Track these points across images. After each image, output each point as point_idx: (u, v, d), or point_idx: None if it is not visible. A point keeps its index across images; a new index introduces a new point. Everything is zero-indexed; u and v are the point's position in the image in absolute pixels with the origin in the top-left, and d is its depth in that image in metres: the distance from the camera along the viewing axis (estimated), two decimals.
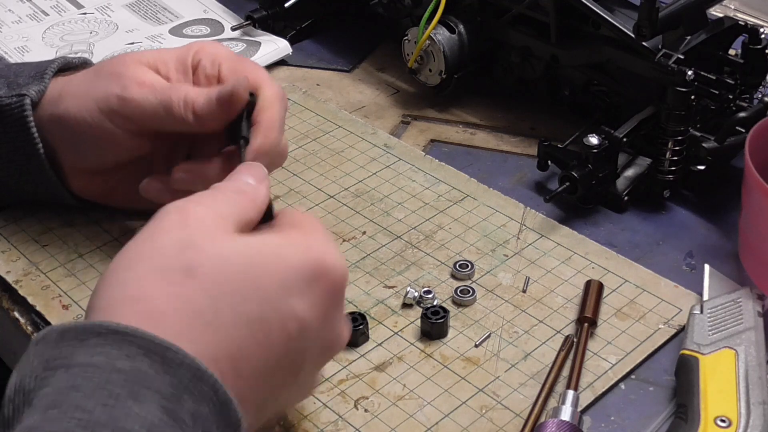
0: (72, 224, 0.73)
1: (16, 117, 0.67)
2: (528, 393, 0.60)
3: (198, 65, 0.67)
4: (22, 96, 0.67)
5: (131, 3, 1.04)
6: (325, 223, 0.74)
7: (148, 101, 0.64)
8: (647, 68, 0.74)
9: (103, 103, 0.65)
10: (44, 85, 0.68)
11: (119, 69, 0.66)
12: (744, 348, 0.59)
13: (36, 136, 0.67)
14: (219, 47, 0.69)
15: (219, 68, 0.66)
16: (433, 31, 0.84)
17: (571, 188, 0.73)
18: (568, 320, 0.65)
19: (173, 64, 0.67)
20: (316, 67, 0.95)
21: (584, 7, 0.77)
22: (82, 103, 0.65)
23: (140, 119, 0.64)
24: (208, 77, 0.66)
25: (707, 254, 0.71)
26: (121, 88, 0.64)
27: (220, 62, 0.67)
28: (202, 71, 0.67)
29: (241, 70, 0.66)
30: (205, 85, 0.66)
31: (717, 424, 0.55)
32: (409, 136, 0.85)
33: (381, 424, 0.59)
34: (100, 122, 0.65)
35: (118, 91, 0.64)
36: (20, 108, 0.67)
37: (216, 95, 0.62)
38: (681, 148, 0.74)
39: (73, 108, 0.66)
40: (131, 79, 0.65)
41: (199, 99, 0.63)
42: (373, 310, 0.66)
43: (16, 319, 0.67)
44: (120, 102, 0.64)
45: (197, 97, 0.63)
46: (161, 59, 0.67)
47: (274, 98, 0.65)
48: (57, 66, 0.69)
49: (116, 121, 0.65)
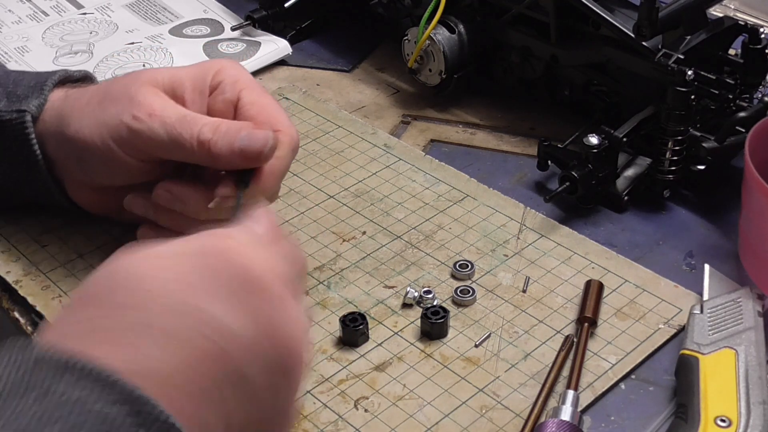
0: (72, 224, 0.73)
1: (18, 133, 0.66)
2: (528, 393, 0.60)
3: (218, 87, 0.65)
4: (23, 112, 0.65)
5: (131, 3, 1.04)
6: (325, 223, 0.74)
7: (157, 135, 0.61)
8: (647, 68, 0.74)
9: (113, 130, 0.63)
10: (44, 98, 0.66)
11: (131, 92, 0.63)
12: (744, 348, 0.59)
13: (38, 152, 0.66)
14: (240, 70, 0.66)
15: (239, 94, 0.64)
16: (433, 31, 0.84)
17: (571, 188, 0.73)
18: (568, 320, 0.65)
19: (190, 83, 0.65)
20: (316, 67, 0.95)
21: (584, 7, 0.77)
22: (92, 126, 0.63)
23: (149, 150, 0.63)
24: (225, 102, 0.64)
25: (707, 254, 0.71)
26: (131, 118, 0.62)
27: (242, 88, 0.65)
28: (221, 94, 0.64)
29: (264, 107, 0.64)
30: (222, 110, 0.64)
31: (717, 423, 0.55)
32: (409, 136, 0.85)
33: (381, 424, 0.59)
34: (109, 149, 0.63)
35: (127, 120, 0.62)
36: (21, 124, 0.65)
37: (241, 147, 0.60)
38: (681, 148, 0.74)
39: (83, 130, 0.64)
40: (142, 107, 0.62)
41: (218, 143, 0.60)
42: (373, 310, 0.66)
43: (16, 320, 0.67)
44: (129, 133, 0.62)
45: (216, 138, 0.60)
46: (178, 79, 0.65)
47: (287, 146, 0.63)
48: (57, 79, 0.68)
49: (125, 149, 0.63)
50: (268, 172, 0.62)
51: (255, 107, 0.64)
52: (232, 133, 0.61)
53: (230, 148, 0.60)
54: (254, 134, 0.61)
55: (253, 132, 0.61)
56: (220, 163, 0.62)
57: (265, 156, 0.61)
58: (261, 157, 0.61)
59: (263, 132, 0.61)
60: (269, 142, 0.61)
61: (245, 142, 0.60)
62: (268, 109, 0.64)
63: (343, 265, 0.70)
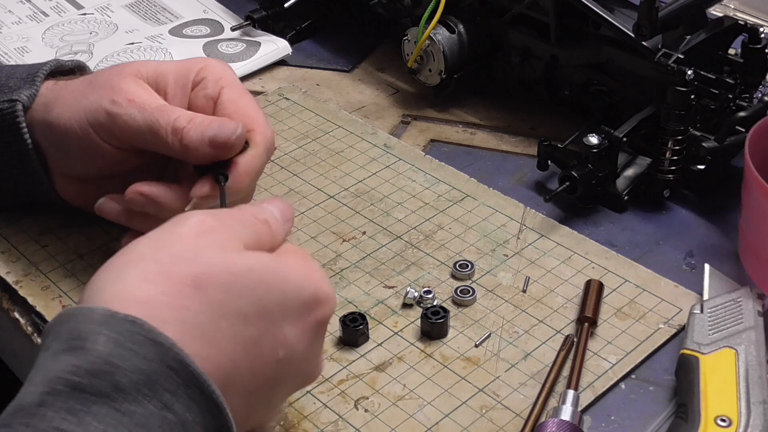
0: (72, 224, 0.73)
1: (9, 122, 0.66)
2: (528, 393, 0.60)
3: (200, 82, 0.66)
4: (14, 102, 0.66)
5: (131, 3, 1.04)
6: (325, 223, 0.74)
7: (134, 120, 0.62)
8: (647, 68, 0.74)
9: (91, 115, 0.63)
10: (35, 88, 0.67)
11: (113, 81, 0.64)
12: (744, 347, 0.59)
13: (29, 142, 0.66)
14: (226, 69, 0.67)
15: (220, 92, 0.65)
16: (432, 31, 0.84)
17: (571, 188, 0.73)
18: (568, 320, 0.65)
19: (173, 77, 0.66)
20: (316, 67, 0.95)
21: (584, 7, 0.77)
22: (73, 112, 0.64)
23: (125, 137, 0.63)
24: (206, 98, 0.65)
25: (707, 254, 0.71)
26: (110, 102, 0.63)
27: (223, 86, 0.65)
28: (202, 90, 0.65)
29: (242, 105, 0.64)
30: (203, 105, 0.65)
31: (717, 423, 0.55)
32: (409, 136, 0.85)
33: (381, 424, 0.59)
34: (87, 134, 0.64)
35: (106, 105, 0.63)
36: (12, 114, 0.66)
37: (210, 137, 0.61)
38: (681, 148, 0.74)
39: (63, 116, 0.65)
40: (122, 93, 0.63)
41: (191, 132, 0.61)
42: (373, 310, 0.66)
43: (16, 320, 0.67)
44: (107, 117, 0.63)
45: (189, 127, 0.61)
46: (161, 72, 0.66)
47: (261, 146, 0.64)
48: (48, 69, 0.68)
49: (102, 135, 0.64)
50: (243, 171, 0.62)
51: (233, 105, 0.65)
52: (205, 124, 0.62)
53: (200, 137, 0.61)
54: (224, 124, 0.62)
55: (223, 122, 0.62)
56: (191, 153, 0.62)
57: (232, 145, 0.61)
58: (229, 146, 0.61)
59: (233, 123, 0.62)
60: (237, 131, 0.61)
61: (215, 131, 0.61)
62: (245, 109, 0.65)
63: (343, 265, 0.70)
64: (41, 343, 0.45)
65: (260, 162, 0.64)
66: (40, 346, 0.45)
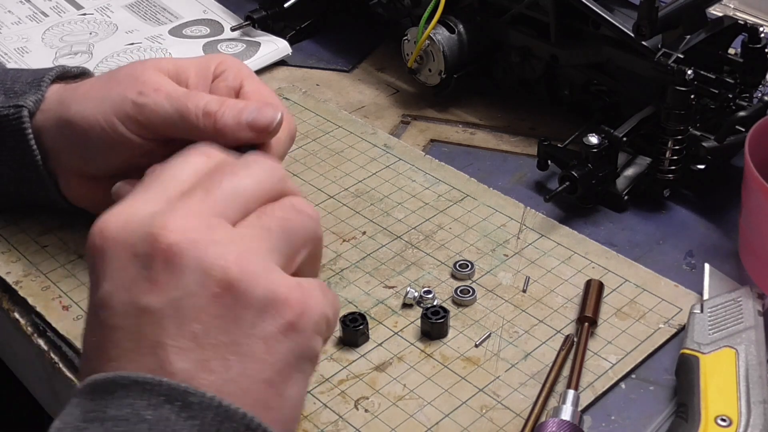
0: (72, 225, 0.73)
1: (14, 128, 0.66)
2: (528, 393, 0.60)
3: (221, 74, 0.66)
4: (20, 107, 0.66)
5: (131, 4, 1.04)
6: (325, 223, 0.74)
7: (162, 108, 0.62)
8: (647, 68, 0.74)
9: (118, 107, 0.63)
10: (41, 93, 0.67)
11: (137, 73, 0.64)
12: (744, 347, 0.59)
13: (34, 147, 0.66)
14: (242, 63, 0.67)
15: (241, 83, 0.65)
16: (432, 31, 0.84)
17: (571, 188, 0.73)
18: (568, 320, 0.65)
19: (194, 70, 0.66)
20: (315, 67, 0.95)
21: (584, 6, 0.77)
22: (96, 106, 0.64)
23: (153, 126, 0.63)
24: (228, 88, 0.65)
25: (707, 253, 0.71)
26: (137, 93, 0.62)
27: (243, 77, 0.65)
28: (223, 81, 0.65)
29: (264, 95, 0.64)
30: (225, 95, 0.64)
31: (717, 423, 0.55)
32: (408, 136, 0.85)
33: (381, 424, 0.59)
34: (113, 127, 0.63)
35: (133, 96, 0.63)
36: (18, 119, 0.66)
37: (249, 119, 0.60)
38: (681, 148, 0.74)
39: (85, 111, 0.64)
40: (148, 84, 0.63)
41: (225, 115, 0.61)
42: (373, 310, 0.66)
43: (16, 320, 0.67)
44: (135, 108, 0.62)
45: (223, 109, 0.61)
46: (181, 65, 0.66)
47: (286, 132, 0.63)
48: (54, 74, 0.68)
49: (130, 126, 0.63)
50: (275, 154, 0.62)
51: (256, 95, 0.65)
52: (239, 107, 0.61)
53: (237, 120, 0.60)
54: (263, 108, 0.61)
55: (261, 107, 0.61)
56: (224, 137, 0.61)
57: (273, 130, 0.61)
58: (269, 130, 0.61)
59: (272, 107, 0.61)
60: (278, 116, 0.60)
61: (254, 114, 0.60)
62: (267, 99, 0.65)
63: (343, 265, 0.70)
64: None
65: (285, 149, 0.64)
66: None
